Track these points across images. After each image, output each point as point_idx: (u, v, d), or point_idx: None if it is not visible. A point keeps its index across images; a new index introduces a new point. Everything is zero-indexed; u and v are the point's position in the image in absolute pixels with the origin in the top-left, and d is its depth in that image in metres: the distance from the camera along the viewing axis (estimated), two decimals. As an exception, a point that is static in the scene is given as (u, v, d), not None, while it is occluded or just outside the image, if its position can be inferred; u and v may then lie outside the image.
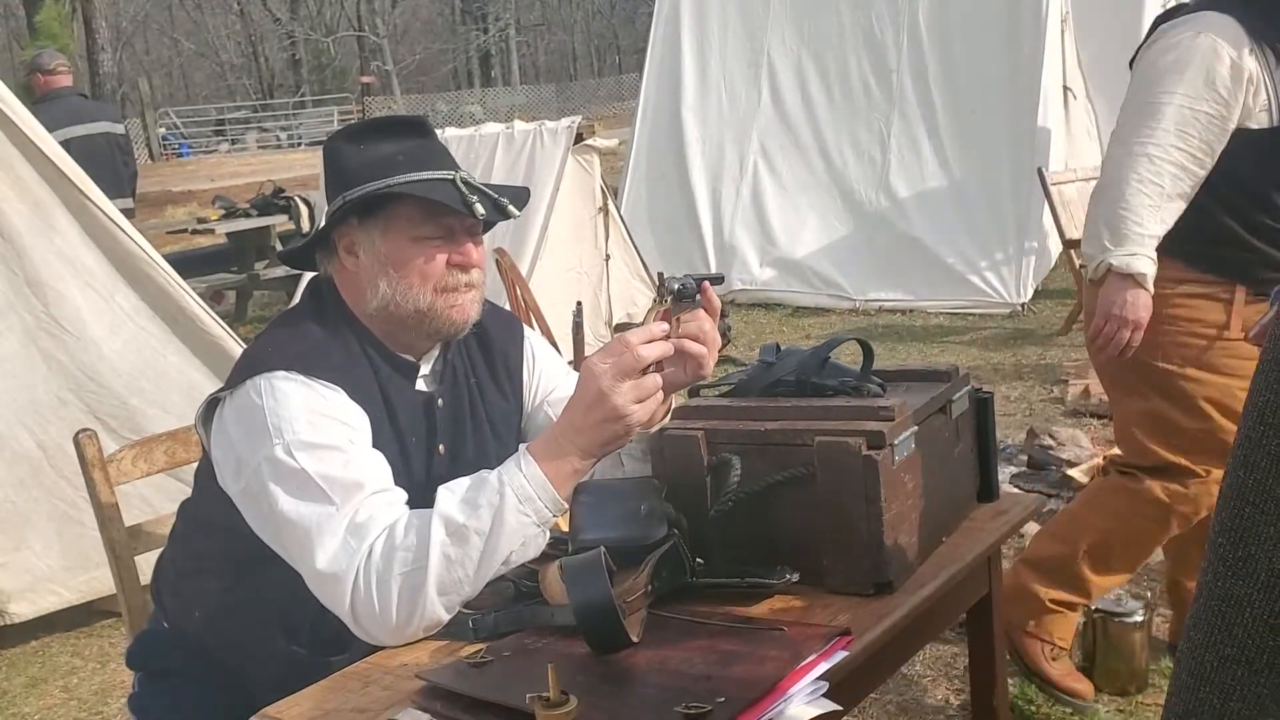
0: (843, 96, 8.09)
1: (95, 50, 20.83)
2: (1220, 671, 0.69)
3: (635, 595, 1.50)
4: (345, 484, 1.57)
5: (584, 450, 1.56)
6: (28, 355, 3.57)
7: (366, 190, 1.68)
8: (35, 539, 3.57)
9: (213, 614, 1.79)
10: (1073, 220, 6.73)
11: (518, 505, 1.53)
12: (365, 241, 1.71)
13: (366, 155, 1.71)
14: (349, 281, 1.75)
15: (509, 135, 6.66)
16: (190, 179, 16.06)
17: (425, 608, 1.52)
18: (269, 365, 1.65)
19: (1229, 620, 0.69)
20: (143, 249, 3.73)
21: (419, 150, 1.72)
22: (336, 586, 1.53)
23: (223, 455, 1.67)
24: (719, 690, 1.33)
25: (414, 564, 1.51)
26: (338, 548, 1.54)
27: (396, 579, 1.51)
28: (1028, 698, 2.84)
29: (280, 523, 1.58)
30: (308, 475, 1.57)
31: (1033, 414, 5.19)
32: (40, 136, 3.58)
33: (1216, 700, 0.69)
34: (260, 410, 1.61)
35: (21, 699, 3.37)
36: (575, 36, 47.27)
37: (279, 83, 39.18)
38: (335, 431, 1.61)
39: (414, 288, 1.70)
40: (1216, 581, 0.71)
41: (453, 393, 1.82)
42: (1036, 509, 2.02)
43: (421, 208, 1.69)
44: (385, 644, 1.56)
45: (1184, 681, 0.71)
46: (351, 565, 1.53)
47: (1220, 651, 0.69)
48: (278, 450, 1.58)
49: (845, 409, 1.66)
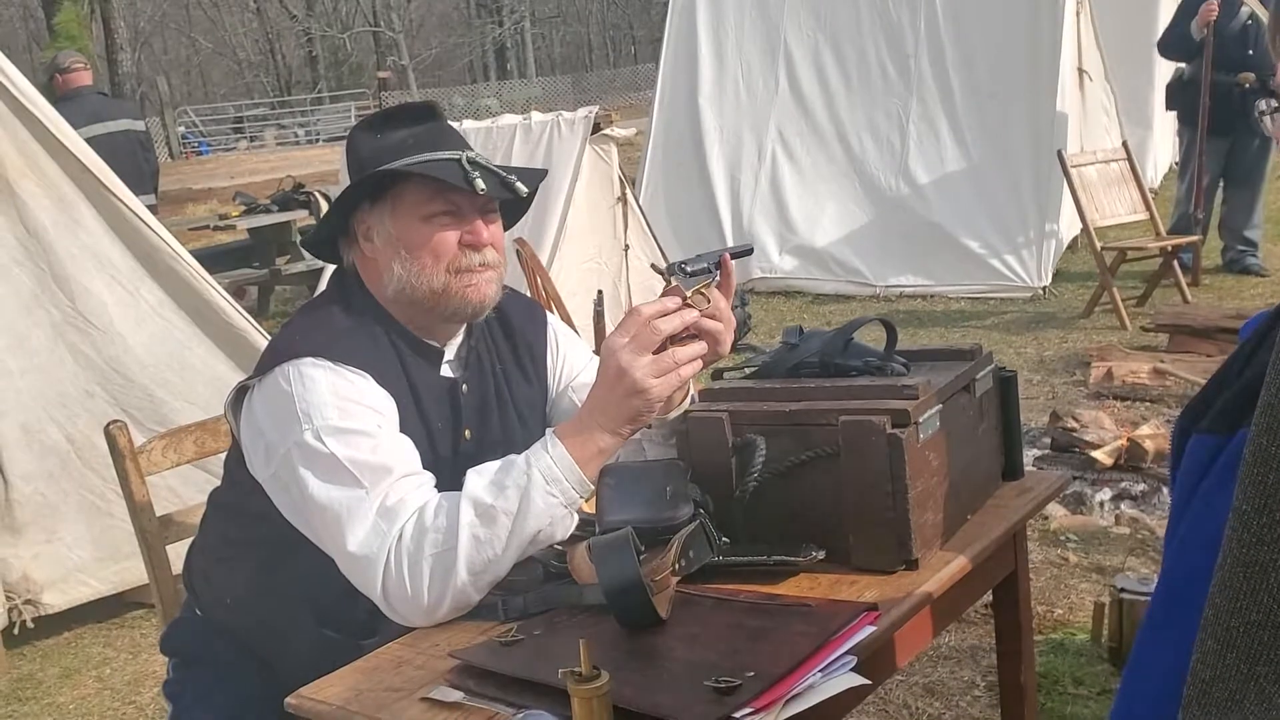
0: (860, 82, 8.06)
1: (114, 50, 20.96)
2: (1246, 637, 0.69)
3: (663, 574, 1.52)
4: (374, 468, 1.58)
5: (609, 428, 1.56)
6: (55, 349, 3.61)
7: (368, 175, 1.70)
8: (66, 531, 3.61)
9: (244, 600, 1.82)
10: (1093, 202, 6.70)
11: (545, 486, 1.54)
12: (378, 225, 1.73)
13: (381, 142, 1.74)
14: (369, 267, 1.77)
15: (526, 126, 6.68)
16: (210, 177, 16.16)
17: (456, 588, 1.54)
18: (297, 353, 1.66)
19: (1254, 586, 0.69)
20: (167, 243, 3.76)
21: (428, 133, 1.74)
22: (369, 569, 1.55)
23: (252, 442, 1.69)
24: (747, 665, 1.35)
25: (444, 545, 1.53)
26: (369, 531, 1.55)
27: (428, 560, 1.53)
28: (1053, 678, 2.84)
29: (311, 508, 1.60)
30: (337, 460, 1.58)
31: (1055, 397, 5.17)
32: (65, 133, 3.62)
33: (1244, 666, 0.69)
34: (289, 397, 1.63)
35: (56, 689, 3.42)
36: (590, 27, 47.20)
37: (296, 79, 39.31)
38: (364, 417, 1.63)
39: (427, 268, 1.70)
40: (1241, 548, 0.71)
41: (478, 378, 1.83)
42: (1061, 487, 2.02)
43: (427, 186, 1.70)
44: (416, 625, 1.58)
45: (1209, 648, 0.71)
46: (383, 548, 1.54)
47: (1246, 617, 0.69)
48: (307, 436, 1.60)
49: (869, 388, 1.67)
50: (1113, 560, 3.48)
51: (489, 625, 1.58)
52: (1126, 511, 3.80)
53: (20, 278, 3.54)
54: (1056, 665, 2.91)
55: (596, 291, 5.03)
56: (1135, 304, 6.59)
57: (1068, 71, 7.51)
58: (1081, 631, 3.07)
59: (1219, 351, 5.36)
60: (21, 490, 3.53)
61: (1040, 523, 3.74)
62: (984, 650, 3.00)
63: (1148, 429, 4.18)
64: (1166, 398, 4.91)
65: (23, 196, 3.53)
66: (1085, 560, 3.51)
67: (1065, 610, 3.22)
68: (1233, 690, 0.69)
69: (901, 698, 2.85)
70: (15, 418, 3.52)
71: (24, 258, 3.55)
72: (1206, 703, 0.71)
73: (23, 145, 3.54)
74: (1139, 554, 3.51)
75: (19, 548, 3.53)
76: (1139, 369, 5.24)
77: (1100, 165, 6.86)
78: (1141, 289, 6.80)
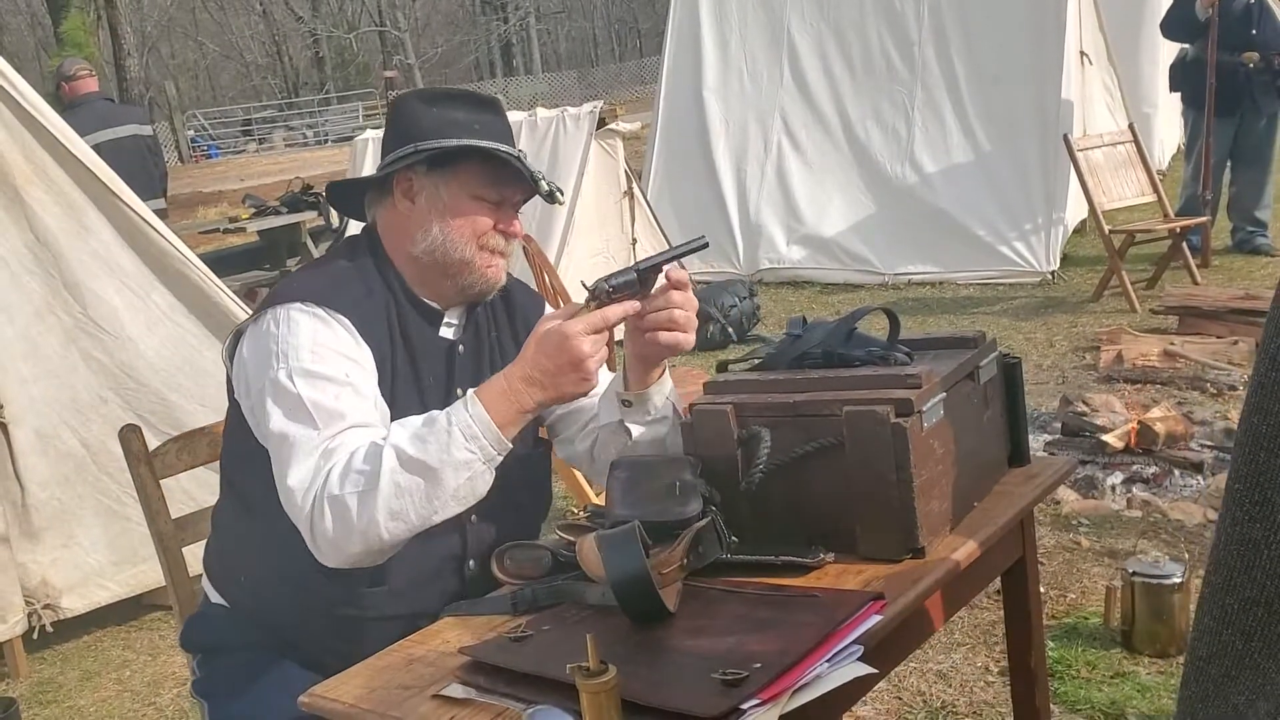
0: (865, 71, 8.05)
1: (122, 56, 21.02)
2: (1241, 614, 0.70)
3: (671, 568, 1.53)
4: (331, 412, 1.67)
5: (535, 396, 1.65)
6: (67, 355, 3.63)
7: (447, 144, 1.79)
8: (83, 535, 3.64)
9: (256, 570, 1.85)
10: (1100, 186, 6.68)
11: (464, 443, 1.61)
12: (429, 188, 1.82)
13: (441, 116, 1.82)
14: (397, 223, 1.85)
15: (532, 123, 6.69)
16: (220, 179, 16.22)
17: (371, 528, 1.60)
18: (290, 298, 1.77)
19: (1248, 563, 0.70)
20: (176, 248, 3.78)
21: (493, 123, 1.84)
22: (300, 502, 1.63)
23: (238, 374, 1.81)
24: (755, 656, 1.36)
25: (365, 486, 1.60)
26: (308, 468, 1.64)
27: (350, 498, 1.60)
28: (1066, 662, 2.85)
29: (270, 439, 1.70)
30: (300, 399, 1.68)
31: (1065, 381, 5.16)
32: (71, 140, 3.64)
33: (1239, 642, 0.70)
34: (273, 337, 1.74)
35: (76, 692, 3.45)
36: (595, 22, 47.14)
37: (303, 81, 39.38)
38: (336, 364, 1.72)
39: (464, 239, 1.81)
40: (1235, 526, 0.72)
41: (474, 342, 1.92)
42: (1068, 472, 2.03)
43: (489, 172, 1.81)
44: (333, 562, 1.64)
45: (1206, 625, 0.72)
46: (314, 484, 1.63)
47: (1241, 594, 0.70)
48: (280, 374, 1.70)
49: (873, 378, 1.68)
50: (1124, 544, 3.48)
51: (499, 621, 1.60)
52: (1138, 495, 3.80)
53: (31, 285, 3.57)
54: (1069, 649, 2.91)
55: (605, 286, 5.04)
56: (1144, 287, 6.58)
57: (1071, 55, 7.48)
58: (1094, 615, 3.08)
59: (1229, 333, 5.35)
60: (38, 496, 3.56)
61: (1052, 507, 3.74)
62: (996, 635, 3.00)
63: (1158, 412, 4.18)
64: (1177, 380, 4.90)
65: (32, 204, 3.56)
66: (1097, 544, 3.52)
67: (1077, 594, 3.23)
68: (1228, 667, 0.70)
69: (915, 684, 2.86)
70: (30, 424, 3.55)
71: (34, 265, 3.57)
72: (1203, 679, 0.72)
73: (30, 153, 3.57)
74: (1151, 537, 3.51)
75: (37, 553, 3.56)
76: (1149, 352, 5.22)
77: (1107, 148, 6.83)
78: (1150, 271, 6.78)
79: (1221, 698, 0.71)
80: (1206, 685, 0.72)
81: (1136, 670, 2.80)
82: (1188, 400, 4.66)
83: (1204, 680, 0.72)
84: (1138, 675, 2.78)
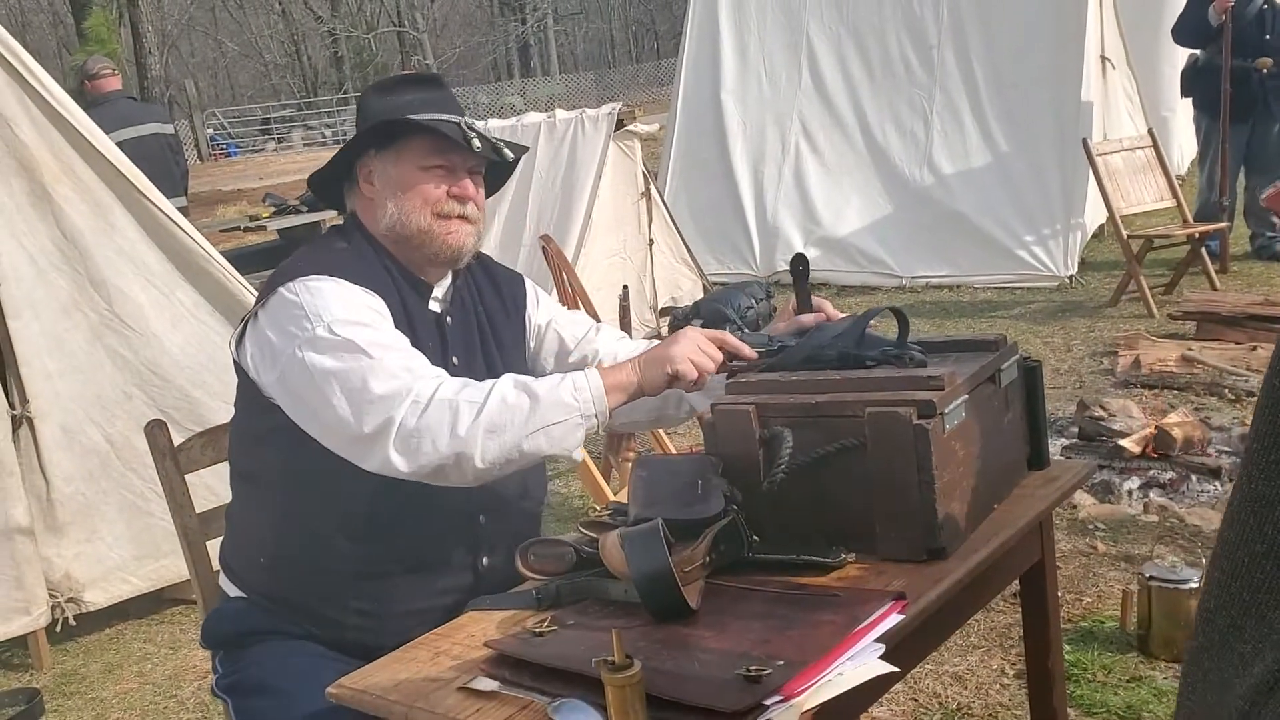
0: (884, 74, 8.05)
1: (143, 55, 21.14)
2: (1251, 568, 0.72)
3: (693, 565, 1.55)
4: (385, 344, 1.74)
5: (636, 373, 1.78)
6: (93, 352, 3.67)
7: (381, 121, 1.91)
8: (106, 530, 3.68)
9: (275, 548, 1.89)
10: (1119, 190, 6.66)
11: (572, 390, 1.72)
12: (380, 169, 1.93)
13: (391, 102, 1.95)
14: (368, 208, 1.96)
15: (550, 124, 6.72)
16: (239, 178, 16.30)
17: (466, 434, 1.66)
18: (298, 274, 1.82)
19: (1260, 519, 0.72)
20: (200, 245, 3.82)
21: (433, 97, 1.95)
22: (390, 403, 1.67)
23: (259, 352, 1.83)
24: (777, 654, 1.37)
25: (476, 396, 1.68)
26: (394, 378, 1.69)
27: (461, 402, 1.67)
28: (1081, 666, 2.85)
29: (326, 384, 1.71)
30: (353, 343, 1.72)
31: (1083, 386, 5.16)
32: (98, 138, 3.68)
33: (1246, 594, 0.72)
34: (297, 305, 1.78)
35: (99, 684, 3.49)
36: (613, 23, 47.17)
37: (322, 80, 39.50)
38: (369, 316, 1.79)
39: (417, 209, 1.90)
40: (1250, 483, 0.74)
41: (461, 313, 2.00)
42: (1087, 475, 2.04)
43: (430, 142, 1.91)
44: (406, 467, 1.67)
45: (1216, 579, 0.75)
46: (410, 386, 1.68)
47: (1251, 549, 0.72)
48: (319, 330, 1.74)
49: (895, 380, 1.69)
50: (1141, 549, 3.48)
51: (524, 615, 1.62)
52: (1155, 500, 3.80)
53: (58, 282, 3.61)
54: (1084, 653, 2.92)
55: (622, 286, 5.06)
56: (1163, 292, 6.56)
57: (1091, 59, 7.47)
58: (1110, 619, 3.08)
59: (1248, 339, 5.33)
60: (63, 491, 3.60)
61: (1069, 511, 3.74)
62: (1013, 639, 3.01)
63: (1176, 417, 4.17)
64: (1194, 385, 4.89)
65: (59, 202, 3.60)
66: (1114, 549, 3.52)
67: (1094, 598, 3.23)
68: (1234, 617, 0.72)
69: (931, 686, 2.87)
70: (56, 419, 3.59)
71: (61, 262, 3.61)
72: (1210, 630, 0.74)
73: (59, 151, 3.61)
74: (1168, 542, 3.51)
75: (61, 547, 3.60)
76: (1167, 357, 5.22)
77: (1126, 153, 6.82)
78: (1169, 277, 6.77)
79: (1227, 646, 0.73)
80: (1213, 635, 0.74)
81: (1153, 674, 2.81)
82: (1205, 406, 4.65)
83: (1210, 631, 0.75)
84: (1154, 679, 2.78)
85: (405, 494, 1.76)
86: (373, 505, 1.80)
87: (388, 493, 1.77)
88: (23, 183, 3.55)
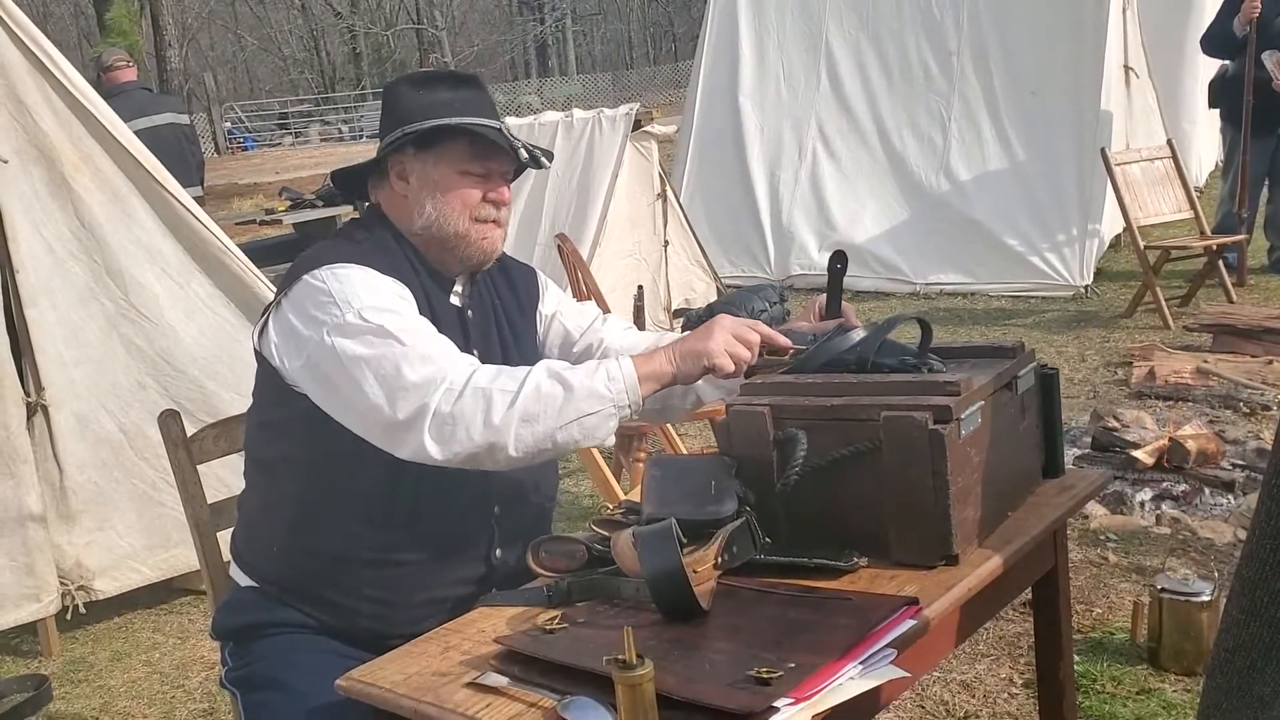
0: (902, 79, 8.03)
1: (163, 47, 21.21)
2: (1271, 607, 0.71)
3: (705, 566, 1.54)
4: (414, 330, 1.75)
5: (669, 364, 1.78)
6: (108, 341, 3.68)
7: (428, 125, 1.89)
8: (117, 519, 3.69)
9: (288, 537, 1.88)
10: (1136, 201, 6.63)
11: (606, 380, 1.72)
12: (419, 169, 1.92)
13: (426, 98, 1.92)
14: (397, 204, 1.95)
15: (568, 123, 6.71)
16: (256, 172, 16.35)
17: (504, 425, 1.66)
18: (323, 262, 1.82)
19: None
20: (216, 237, 3.83)
21: (474, 99, 1.94)
22: (425, 389, 1.67)
23: (283, 340, 1.82)
24: (788, 656, 1.37)
25: (510, 384, 1.68)
26: (427, 363, 1.69)
27: (495, 391, 1.67)
28: (1091, 677, 2.84)
29: (356, 368, 1.71)
30: (384, 329, 1.73)
31: (1097, 396, 5.14)
32: (118, 129, 3.69)
33: (1266, 634, 0.71)
34: (325, 291, 1.78)
35: (107, 672, 3.50)
36: (631, 24, 47.20)
37: (340, 76, 39.61)
38: (397, 303, 1.80)
39: (455, 212, 1.90)
40: (1269, 520, 0.73)
41: (480, 307, 2.01)
42: (1101, 485, 2.03)
43: (472, 146, 1.91)
44: (441, 454, 1.67)
45: (1235, 618, 0.73)
46: (445, 372, 1.68)
47: (1271, 587, 0.71)
48: (349, 317, 1.74)
49: (911, 384, 1.69)
50: (1153, 561, 3.46)
51: (535, 612, 1.62)
52: (1167, 512, 3.78)
53: (75, 271, 3.62)
54: (1094, 664, 2.91)
55: (636, 286, 5.06)
56: (1179, 304, 6.53)
57: (1113, 68, 7.44)
58: (1120, 631, 3.07)
59: (1264, 352, 5.30)
60: (75, 479, 3.61)
61: (1080, 522, 3.72)
62: (1021, 648, 3.00)
63: (1189, 429, 4.15)
64: (1209, 398, 4.87)
65: (78, 191, 3.61)
66: (1125, 560, 3.50)
67: (1104, 610, 3.22)
68: (1254, 659, 0.70)
69: (938, 694, 2.86)
70: (70, 408, 3.60)
71: (79, 251, 3.63)
72: (1229, 670, 0.72)
73: (78, 140, 3.62)
74: (1179, 555, 3.50)
75: (73, 535, 3.61)
76: (1181, 369, 5.19)
77: (1145, 163, 6.79)
78: (1185, 289, 6.74)
79: (1246, 689, 0.71)
80: (1232, 676, 0.73)
81: (1163, 687, 2.79)
82: (1220, 419, 4.63)
83: (1230, 671, 0.73)
84: (1164, 692, 2.77)
85: (422, 482, 1.78)
86: (390, 493, 1.81)
87: (405, 480, 1.78)
88: (42, 171, 3.56)
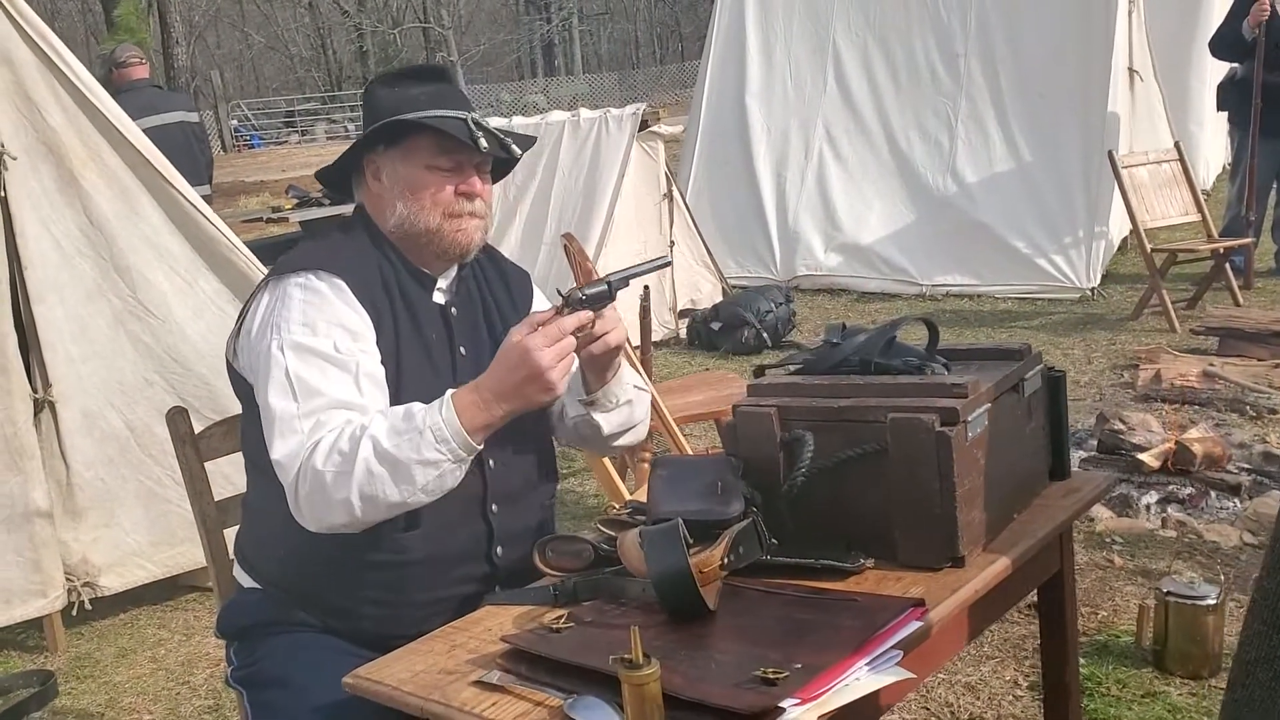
0: (909, 81, 8.03)
1: (170, 44, 21.27)
2: None
3: (711, 566, 1.54)
4: (311, 389, 1.77)
5: (504, 406, 1.74)
6: (115, 338, 3.69)
7: (384, 122, 1.90)
8: (124, 516, 3.69)
9: (293, 539, 1.87)
10: (1143, 204, 6.63)
11: (434, 444, 1.70)
12: (388, 167, 1.93)
13: (396, 95, 1.94)
14: (374, 203, 1.97)
15: (575, 123, 6.72)
16: (262, 169, 16.37)
17: (346, 505, 1.71)
18: (286, 270, 1.88)
19: None
20: (224, 235, 3.83)
21: (439, 92, 1.94)
22: (286, 474, 1.75)
23: (241, 348, 1.92)
24: (794, 657, 1.37)
25: (343, 467, 1.71)
26: (294, 442, 1.75)
27: (328, 475, 1.71)
28: (1096, 680, 2.84)
29: (263, 409, 1.81)
30: (286, 372, 1.78)
31: (1103, 399, 5.13)
32: (126, 126, 3.70)
33: None
34: (268, 310, 1.86)
35: (112, 668, 3.50)
36: (638, 24, 47.19)
37: (347, 75, 39.62)
38: (325, 336, 1.81)
39: (425, 210, 1.91)
40: None
41: (466, 303, 2.01)
42: (1108, 487, 2.03)
43: (436, 141, 1.90)
44: (314, 528, 1.76)
45: (1256, 630, 0.73)
46: (298, 457, 1.74)
47: None
48: (273, 345, 1.81)
49: (918, 386, 1.69)
50: (1158, 564, 3.46)
51: (540, 611, 1.62)
52: (1173, 515, 3.78)
53: (83, 267, 3.63)
54: (1099, 667, 2.90)
55: (642, 287, 5.05)
56: (1185, 307, 6.52)
57: (1119, 71, 7.43)
58: (1125, 634, 3.06)
59: (1270, 356, 5.29)
60: (82, 475, 3.62)
61: (1086, 525, 3.72)
62: (1026, 650, 3.00)
63: (1196, 432, 4.15)
64: (1216, 401, 4.86)
65: (86, 188, 3.61)
66: (1130, 563, 3.50)
67: (1109, 613, 3.22)
68: (1277, 671, 0.70)
69: (943, 696, 2.86)
70: (77, 404, 3.61)
71: (87, 248, 3.63)
72: (1251, 684, 0.72)
73: (86, 137, 3.63)
74: (1185, 558, 3.49)
75: (79, 531, 3.62)
76: (1188, 372, 5.18)
77: (1152, 166, 6.78)
78: (1192, 292, 6.73)
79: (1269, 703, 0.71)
80: (1254, 689, 0.72)
81: (1168, 691, 2.79)
82: (1226, 422, 4.62)
83: (1251, 685, 0.73)
84: (1169, 696, 2.77)
85: None
86: None
87: None
88: (50, 168, 3.57)
